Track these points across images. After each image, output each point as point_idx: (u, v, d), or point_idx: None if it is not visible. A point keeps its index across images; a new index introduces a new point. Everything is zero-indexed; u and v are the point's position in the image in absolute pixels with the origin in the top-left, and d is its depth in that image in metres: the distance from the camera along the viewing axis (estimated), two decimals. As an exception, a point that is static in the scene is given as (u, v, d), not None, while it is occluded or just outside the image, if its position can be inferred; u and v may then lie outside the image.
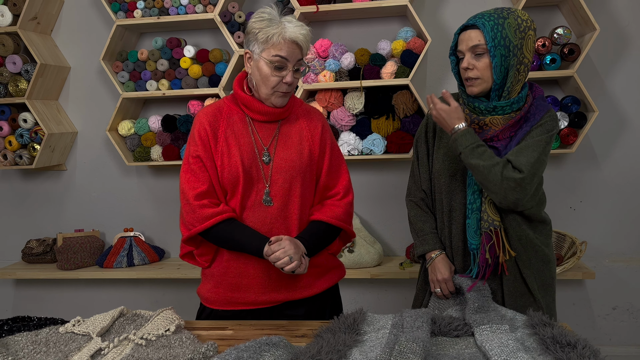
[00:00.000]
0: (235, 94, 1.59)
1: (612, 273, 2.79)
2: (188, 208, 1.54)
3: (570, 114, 2.53)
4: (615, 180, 2.73)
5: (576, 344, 1.16)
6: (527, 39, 1.50)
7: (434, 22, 2.71)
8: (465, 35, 1.53)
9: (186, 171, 1.56)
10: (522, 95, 1.54)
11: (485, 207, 1.57)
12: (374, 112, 2.67)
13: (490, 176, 1.48)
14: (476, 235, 1.60)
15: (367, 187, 2.91)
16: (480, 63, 1.51)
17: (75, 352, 1.29)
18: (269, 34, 1.45)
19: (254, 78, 1.53)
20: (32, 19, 2.83)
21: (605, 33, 2.57)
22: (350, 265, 2.76)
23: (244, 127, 1.58)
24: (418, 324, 1.26)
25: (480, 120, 1.57)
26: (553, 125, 1.55)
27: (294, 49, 1.47)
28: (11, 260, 3.22)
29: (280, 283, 1.60)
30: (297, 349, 1.22)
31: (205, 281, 1.67)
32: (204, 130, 1.55)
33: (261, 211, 1.57)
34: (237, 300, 1.60)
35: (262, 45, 1.47)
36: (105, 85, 3.02)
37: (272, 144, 1.59)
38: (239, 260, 1.59)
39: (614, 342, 2.85)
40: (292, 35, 1.46)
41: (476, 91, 1.55)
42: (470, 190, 1.60)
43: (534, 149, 1.50)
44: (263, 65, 1.49)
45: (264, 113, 1.56)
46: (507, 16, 1.49)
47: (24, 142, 2.91)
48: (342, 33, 2.80)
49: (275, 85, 1.50)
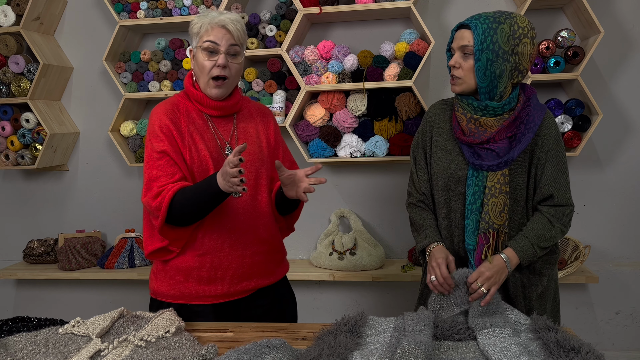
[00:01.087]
0: (188, 91, 1.62)
1: (616, 277, 2.77)
2: (155, 204, 1.50)
3: (574, 117, 2.52)
4: (619, 183, 2.71)
5: (580, 349, 1.14)
6: (521, 45, 1.50)
7: (437, 25, 2.70)
8: (459, 34, 1.56)
9: (152, 167, 1.53)
10: (513, 96, 1.56)
11: (487, 209, 1.57)
12: (377, 114, 2.66)
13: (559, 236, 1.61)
14: (473, 236, 1.60)
15: (369, 189, 2.90)
16: (466, 64, 1.54)
17: (75, 353, 1.28)
18: (199, 25, 1.54)
19: (195, 72, 1.59)
20: (35, 19, 2.83)
21: (609, 36, 2.56)
22: (352, 268, 2.75)
23: (203, 123, 1.61)
24: (420, 328, 1.24)
25: (475, 121, 1.58)
26: (557, 127, 1.63)
27: (223, 34, 1.53)
28: (12, 260, 3.22)
29: (252, 271, 1.65)
30: (298, 352, 1.21)
31: (167, 277, 1.63)
32: (166, 126, 1.55)
33: (232, 203, 1.60)
34: (208, 293, 1.61)
35: (196, 37, 1.55)
36: (108, 85, 3.02)
37: (232, 138, 1.64)
38: (213, 254, 1.59)
39: (617, 347, 2.83)
40: (219, 21, 1.53)
41: (458, 90, 1.58)
42: (470, 191, 1.60)
43: (563, 170, 1.60)
44: (199, 54, 1.55)
45: (216, 108, 1.61)
46: (503, 21, 1.49)
47: (26, 142, 2.91)
48: (345, 35, 2.79)
49: (209, 69, 1.54)
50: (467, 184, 1.61)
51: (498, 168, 1.56)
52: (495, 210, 1.57)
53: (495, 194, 1.56)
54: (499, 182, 1.56)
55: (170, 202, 1.47)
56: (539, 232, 1.57)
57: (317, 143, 2.67)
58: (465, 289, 1.48)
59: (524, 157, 1.59)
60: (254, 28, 2.66)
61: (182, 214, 1.49)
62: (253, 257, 1.65)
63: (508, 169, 1.57)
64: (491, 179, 1.56)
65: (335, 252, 2.80)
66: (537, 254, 1.57)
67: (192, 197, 1.47)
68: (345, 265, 2.75)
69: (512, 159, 1.55)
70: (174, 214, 1.49)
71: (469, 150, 1.60)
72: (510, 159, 1.55)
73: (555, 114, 2.52)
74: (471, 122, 1.58)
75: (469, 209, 1.60)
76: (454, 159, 1.64)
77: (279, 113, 2.66)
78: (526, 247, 1.56)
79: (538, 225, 1.58)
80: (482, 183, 1.58)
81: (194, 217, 1.52)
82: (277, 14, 2.66)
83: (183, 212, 1.48)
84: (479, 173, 1.58)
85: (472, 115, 1.58)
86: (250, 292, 1.67)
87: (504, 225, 1.59)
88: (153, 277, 1.67)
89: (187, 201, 1.47)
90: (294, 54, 2.63)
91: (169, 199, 1.46)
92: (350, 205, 2.94)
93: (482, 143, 1.58)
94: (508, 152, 1.56)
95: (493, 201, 1.56)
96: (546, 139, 1.58)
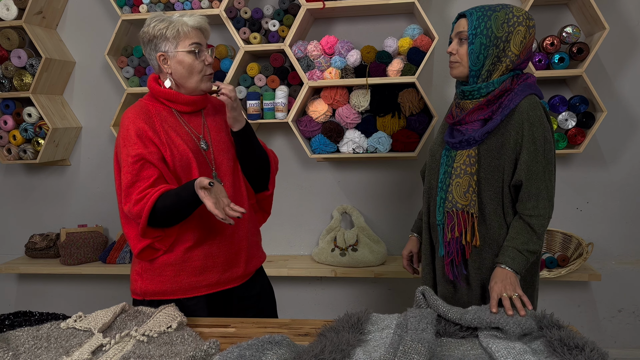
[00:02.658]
0: (156, 92, 1.64)
1: (619, 275, 2.77)
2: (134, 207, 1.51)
3: (578, 113, 2.50)
4: (622, 181, 2.70)
5: (584, 347, 1.14)
6: (515, 33, 1.53)
7: (441, 20, 2.68)
8: (457, 23, 1.62)
9: (128, 172, 1.53)
10: (493, 82, 1.56)
11: (452, 189, 1.61)
12: (380, 110, 2.65)
13: (544, 234, 1.58)
14: (439, 213, 1.66)
15: (372, 185, 2.89)
16: (462, 49, 1.58)
17: (77, 348, 1.28)
18: (175, 29, 1.57)
19: (177, 74, 1.60)
20: (38, 13, 2.82)
21: (614, 32, 2.54)
22: (354, 264, 2.74)
23: (175, 121, 1.64)
24: (423, 326, 1.24)
25: (458, 104, 1.65)
26: (538, 114, 1.54)
27: (200, 35, 1.61)
28: (14, 254, 3.22)
29: (239, 256, 1.71)
30: (300, 348, 1.20)
31: (156, 275, 1.62)
32: (141, 129, 1.56)
33: None
34: (201, 283, 1.64)
35: (175, 40, 1.57)
36: (110, 80, 3.01)
37: (204, 132, 1.69)
38: (204, 245, 1.64)
39: (619, 345, 2.82)
40: (195, 23, 1.60)
41: (455, 73, 1.63)
42: (442, 170, 1.66)
43: (539, 159, 1.53)
44: (183, 57, 1.58)
45: (190, 103, 1.65)
46: (498, 10, 1.55)
47: (28, 136, 2.90)
48: (348, 30, 2.78)
49: (201, 69, 1.61)
50: (440, 162, 1.68)
51: (461, 146, 1.60)
52: (459, 190, 1.59)
53: (460, 174, 1.59)
54: (464, 163, 1.59)
55: (150, 210, 1.48)
56: (521, 238, 1.55)
57: (320, 139, 2.67)
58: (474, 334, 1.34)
59: (496, 140, 1.56)
60: (256, 23, 2.65)
61: (165, 219, 1.53)
62: (240, 243, 1.72)
63: (475, 151, 1.58)
64: (458, 159, 1.60)
65: (337, 248, 2.79)
66: (523, 260, 1.53)
67: (173, 205, 1.49)
68: (347, 262, 2.75)
69: (474, 139, 1.57)
70: (156, 219, 1.51)
71: (448, 131, 1.68)
72: (472, 139, 1.57)
73: (559, 110, 2.51)
74: (458, 106, 1.65)
75: (439, 187, 1.66)
76: (440, 140, 1.73)
77: (281, 108, 2.65)
78: (512, 253, 1.54)
79: (514, 230, 1.57)
80: (452, 163, 1.63)
81: (175, 221, 1.56)
82: (280, 9, 2.65)
83: (165, 217, 1.52)
84: (450, 152, 1.64)
85: (458, 100, 1.65)
86: (240, 279, 1.73)
87: (470, 205, 1.58)
88: (137, 277, 1.65)
89: (167, 208, 1.49)
90: (296, 49, 2.61)
91: (150, 207, 1.48)
92: (353, 201, 2.93)
93: (455, 124, 1.64)
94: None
95: (457, 181, 1.60)
96: (523, 124, 1.53)
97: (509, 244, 1.55)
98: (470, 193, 1.58)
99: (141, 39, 1.62)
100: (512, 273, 1.50)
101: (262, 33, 2.68)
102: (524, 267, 1.54)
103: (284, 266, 2.81)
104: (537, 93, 1.58)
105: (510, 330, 1.23)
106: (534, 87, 1.58)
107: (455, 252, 1.62)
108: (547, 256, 2.58)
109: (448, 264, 1.65)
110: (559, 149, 2.52)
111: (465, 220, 1.59)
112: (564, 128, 2.53)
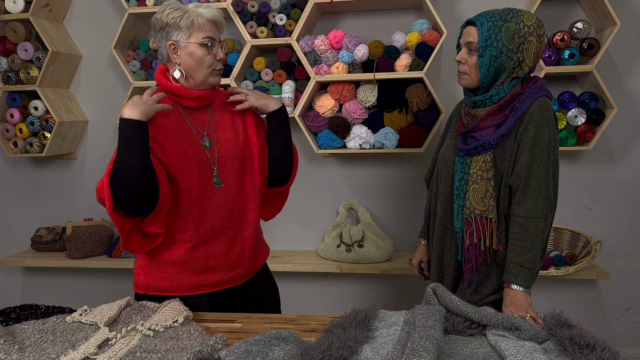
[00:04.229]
0: (164, 86, 1.60)
1: (627, 274, 2.74)
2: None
3: (588, 110, 2.48)
4: (632, 179, 2.67)
5: (595, 346, 1.12)
6: (527, 44, 1.52)
7: (449, 15, 2.66)
8: (466, 30, 1.59)
9: (110, 162, 1.44)
10: (503, 89, 1.55)
11: (469, 195, 1.60)
12: (387, 106, 2.63)
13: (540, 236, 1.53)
14: (458, 220, 1.64)
15: (379, 181, 2.88)
16: (471, 60, 1.57)
17: (83, 342, 1.27)
18: (190, 19, 1.53)
19: (186, 65, 1.57)
20: (44, 6, 2.82)
21: (625, 28, 2.51)
22: (360, 260, 2.73)
23: (179, 116, 1.60)
24: (431, 323, 1.22)
25: (469, 113, 1.64)
26: (547, 116, 1.53)
27: (214, 28, 1.59)
28: (20, 248, 3.23)
29: (243, 256, 1.67)
30: (307, 344, 1.19)
31: (158, 271, 1.60)
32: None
33: (220, 193, 1.60)
34: (203, 282, 1.61)
35: (188, 31, 1.54)
36: (117, 74, 3.01)
37: (209, 129, 1.64)
38: (206, 245, 1.60)
39: (626, 343, 2.80)
40: (211, 16, 1.57)
41: (464, 84, 1.63)
42: (457, 177, 1.65)
43: (541, 162, 1.51)
44: (195, 49, 1.55)
45: (197, 99, 1.61)
46: (509, 20, 1.51)
47: (34, 130, 2.90)
48: (356, 25, 2.76)
49: (211, 64, 1.58)
50: (454, 169, 1.67)
51: (476, 152, 1.59)
52: (477, 197, 1.58)
53: (477, 180, 1.58)
54: (480, 168, 1.58)
55: (110, 176, 1.39)
56: (517, 249, 1.52)
57: (326, 134, 2.65)
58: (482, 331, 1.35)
59: (509, 143, 1.57)
60: (264, 17, 2.63)
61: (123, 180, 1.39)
62: (244, 243, 1.68)
63: (491, 156, 1.57)
64: (474, 165, 1.59)
65: (343, 244, 2.78)
66: (530, 270, 1.52)
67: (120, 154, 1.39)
68: (352, 258, 2.74)
69: (490, 144, 1.56)
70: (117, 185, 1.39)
71: (461, 138, 1.68)
72: (488, 143, 1.56)
73: (569, 107, 2.48)
74: (468, 114, 1.64)
75: (455, 194, 1.65)
76: (452, 147, 1.72)
77: (288, 103, 2.63)
78: (514, 270, 1.53)
79: (510, 243, 1.55)
80: (468, 169, 1.62)
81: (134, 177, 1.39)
82: (288, 3, 2.63)
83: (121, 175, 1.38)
84: (464, 159, 1.63)
85: (469, 109, 1.63)
86: (243, 278, 1.70)
87: (488, 211, 1.57)
88: (140, 272, 1.63)
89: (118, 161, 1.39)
90: (304, 43, 2.60)
91: (108, 173, 1.40)
92: (359, 197, 2.92)
93: (468, 132, 1.63)
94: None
95: (474, 187, 1.58)
96: (528, 125, 1.53)
97: (509, 260, 1.54)
98: (488, 198, 1.57)
99: (153, 25, 1.58)
100: (520, 292, 1.50)
101: (269, 27, 2.66)
102: (531, 280, 1.51)
103: (290, 262, 2.80)
104: (547, 95, 1.59)
105: (523, 327, 1.22)
106: (543, 89, 1.59)
107: (474, 258, 1.61)
108: (554, 254, 2.56)
109: (467, 271, 1.64)
110: (568, 146, 2.50)
111: (484, 225, 1.58)
112: (573, 125, 2.50)
